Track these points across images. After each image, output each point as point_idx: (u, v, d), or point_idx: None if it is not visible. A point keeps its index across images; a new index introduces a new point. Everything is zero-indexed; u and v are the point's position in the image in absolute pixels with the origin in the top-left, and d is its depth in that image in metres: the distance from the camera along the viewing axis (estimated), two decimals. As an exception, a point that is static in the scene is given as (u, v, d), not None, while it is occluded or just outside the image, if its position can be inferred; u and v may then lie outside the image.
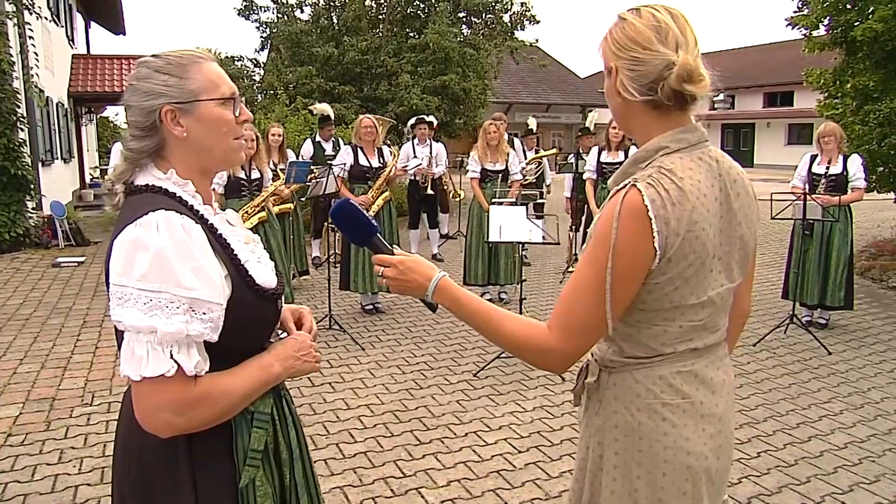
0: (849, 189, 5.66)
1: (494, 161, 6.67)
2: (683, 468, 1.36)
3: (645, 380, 1.37)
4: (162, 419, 1.21)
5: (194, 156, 1.35)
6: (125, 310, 1.18)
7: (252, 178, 5.79)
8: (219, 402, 1.25)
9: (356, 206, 1.52)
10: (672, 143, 1.34)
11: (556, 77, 31.08)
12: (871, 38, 7.00)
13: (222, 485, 1.31)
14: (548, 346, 1.33)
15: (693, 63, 1.30)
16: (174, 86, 1.31)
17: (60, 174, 14.08)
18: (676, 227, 1.26)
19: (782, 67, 28.39)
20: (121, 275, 1.19)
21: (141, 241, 1.19)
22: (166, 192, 1.31)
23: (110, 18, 20.64)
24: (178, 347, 1.19)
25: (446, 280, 1.44)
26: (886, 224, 10.70)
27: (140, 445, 1.31)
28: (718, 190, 1.34)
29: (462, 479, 3.32)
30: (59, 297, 7.02)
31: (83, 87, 16.31)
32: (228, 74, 1.43)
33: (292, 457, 1.43)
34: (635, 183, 1.28)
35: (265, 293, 1.35)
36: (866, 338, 5.73)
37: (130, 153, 1.35)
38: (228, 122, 1.36)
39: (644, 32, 1.32)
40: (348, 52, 14.48)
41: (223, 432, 1.31)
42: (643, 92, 1.32)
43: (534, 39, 17.61)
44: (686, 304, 1.33)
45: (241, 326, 1.30)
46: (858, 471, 3.45)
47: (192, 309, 1.19)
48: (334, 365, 4.97)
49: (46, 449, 3.63)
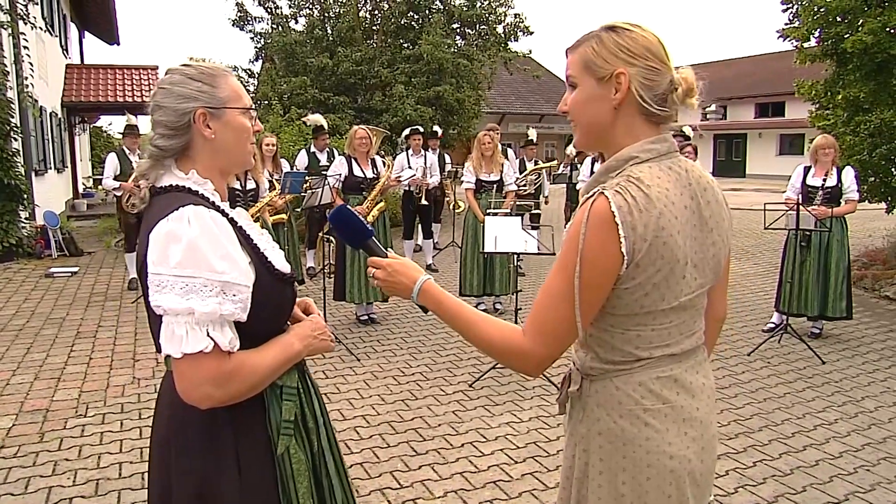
0: (842, 201, 5.72)
1: (489, 172, 6.70)
2: (667, 472, 1.38)
3: (625, 386, 1.40)
4: (203, 391, 1.33)
5: (216, 156, 1.50)
6: (163, 295, 1.30)
7: (247, 189, 5.80)
8: (250, 377, 1.38)
9: (352, 211, 1.61)
10: (642, 154, 1.37)
11: (549, 87, 31.17)
12: (861, 49, 7.07)
13: (260, 453, 1.45)
14: (521, 350, 1.36)
15: (695, 80, 1.38)
16: (207, 92, 1.47)
17: (53, 184, 14.04)
18: (643, 232, 1.28)
19: (774, 78, 28.61)
20: (157, 264, 1.30)
21: (174, 233, 1.31)
22: (189, 190, 1.44)
23: (104, 28, 20.63)
24: (213, 326, 1.31)
25: (430, 283, 1.50)
26: (877, 234, 10.77)
27: (185, 421, 1.43)
28: (689, 198, 1.37)
29: (459, 489, 3.31)
30: (52, 308, 6.99)
31: (77, 97, 16.30)
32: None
33: (318, 424, 1.58)
34: (603, 191, 1.31)
35: (284, 277, 1.50)
36: (859, 347, 5.75)
37: (157, 150, 1.47)
38: (248, 130, 1.54)
39: (657, 45, 1.37)
40: (342, 63, 14.52)
41: (258, 406, 1.45)
42: (657, 102, 1.36)
43: (527, 50, 17.68)
44: (657, 309, 1.36)
45: (265, 308, 1.43)
46: (854, 480, 3.46)
47: (223, 291, 1.32)
48: (330, 376, 4.96)
49: (40, 461, 3.60)
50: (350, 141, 6.25)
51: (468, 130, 16.10)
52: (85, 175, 19.99)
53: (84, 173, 19.90)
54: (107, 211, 14.43)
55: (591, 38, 1.39)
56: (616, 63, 1.36)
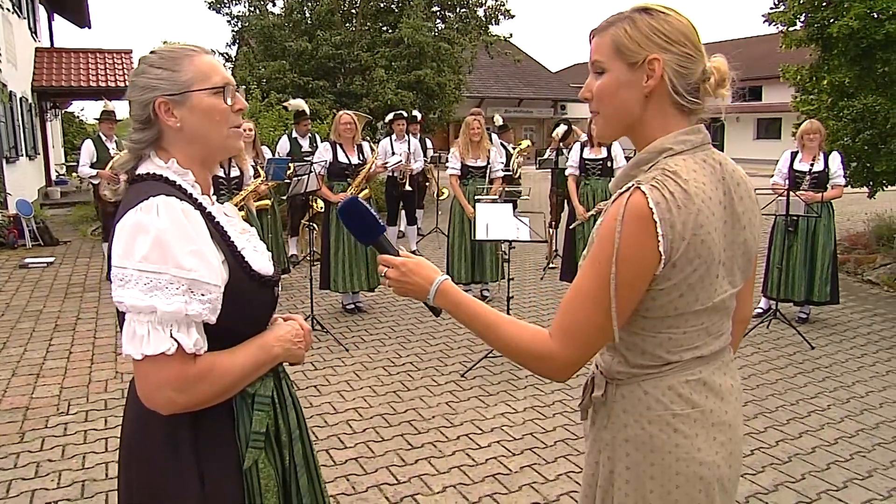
0: (829, 186, 5.73)
1: (476, 157, 6.58)
2: (696, 479, 1.33)
3: (654, 391, 1.33)
4: (163, 396, 1.25)
5: (191, 145, 1.40)
6: (126, 291, 1.22)
7: (231, 176, 5.65)
8: (219, 381, 1.29)
9: (364, 205, 1.52)
10: (676, 145, 1.29)
11: (528, 71, 31.06)
12: (846, 35, 7.06)
13: (226, 467, 1.35)
14: (549, 353, 1.29)
15: (726, 68, 1.30)
16: (166, 79, 1.36)
17: (26, 171, 13.66)
18: (682, 230, 1.21)
19: (751, 63, 28.73)
20: (122, 257, 1.23)
21: (142, 223, 1.23)
22: (167, 179, 1.35)
23: (75, 11, 20.07)
24: (177, 326, 1.23)
25: (448, 283, 1.42)
26: (855, 218, 10.87)
27: (145, 430, 1.35)
28: (722, 193, 1.30)
29: (458, 484, 3.25)
30: (28, 300, 6.79)
31: (47, 82, 15.85)
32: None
33: (291, 438, 1.47)
34: (639, 185, 1.23)
35: (262, 279, 1.40)
36: (846, 332, 5.79)
37: (132, 144, 1.40)
38: (222, 111, 1.40)
39: (692, 30, 1.29)
40: (322, 47, 14.28)
41: (225, 415, 1.35)
42: (689, 91, 1.29)
43: (508, 34, 17.55)
44: (690, 310, 1.29)
45: (241, 311, 1.35)
46: (851, 466, 3.46)
47: (190, 290, 1.23)
48: (319, 367, 4.87)
49: (21, 462, 3.47)
50: (335, 127, 6.10)
51: (449, 115, 15.97)
52: (58, 162, 19.53)
53: (57, 160, 19.42)
54: (81, 199, 14.11)
55: (623, 20, 1.29)
56: (650, 48, 1.27)
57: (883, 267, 7.85)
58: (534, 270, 8.32)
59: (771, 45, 20.87)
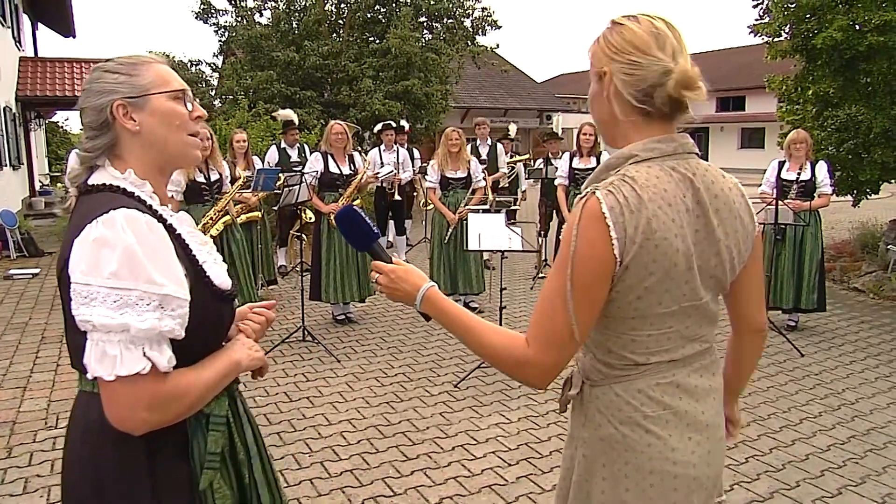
0: (815, 195, 5.80)
1: (455, 169, 6.53)
2: (671, 478, 1.36)
3: (624, 394, 1.37)
4: (138, 417, 1.21)
5: (149, 151, 1.36)
6: (93, 308, 1.16)
7: (212, 181, 5.60)
8: (187, 397, 1.26)
9: (359, 213, 1.56)
10: (643, 152, 1.33)
11: (513, 82, 31.13)
12: (830, 46, 7.17)
13: (181, 489, 1.31)
14: (525, 359, 1.32)
15: (692, 70, 1.32)
16: (124, 82, 1.34)
17: (9, 182, 13.51)
18: (633, 234, 1.25)
19: (734, 73, 29.10)
20: (86, 273, 1.17)
21: (105, 239, 1.18)
22: (124, 191, 1.30)
23: (59, 20, 19.90)
24: (149, 344, 1.19)
25: (434, 290, 1.46)
26: (839, 226, 10.99)
27: (95, 454, 1.30)
28: (694, 202, 1.32)
29: (454, 495, 3.23)
30: (13, 312, 6.70)
31: (32, 91, 15.66)
32: (185, 80, 1.46)
33: (249, 455, 1.45)
34: (595, 190, 1.28)
35: (222, 294, 1.38)
36: (834, 339, 5.84)
37: (85, 153, 1.35)
38: (181, 116, 1.37)
39: (643, 37, 1.31)
40: (309, 57, 14.26)
41: (179, 436, 1.31)
42: (639, 98, 1.31)
43: (494, 45, 17.61)
44: (653, 313, 1.32)
45: (202, 326, 1.30)
46: (844, 473, 3.49)
47: (161, 305, 1.20)
48: (311, 378, 4.83)
49: (9, 478, 3.41)
50: (326, 137, 6.08)
51: (435, 125, 15.98)
52: (42, 172, 19.34)
53: (41, 170, 19.24)
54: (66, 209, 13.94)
55: (599, 35, 1.38)
56: (603, 60, 1.35)
57: (868, 275, 7.93)
58: (524, 280, 8.34)
59: (754, 56, 21.12)
